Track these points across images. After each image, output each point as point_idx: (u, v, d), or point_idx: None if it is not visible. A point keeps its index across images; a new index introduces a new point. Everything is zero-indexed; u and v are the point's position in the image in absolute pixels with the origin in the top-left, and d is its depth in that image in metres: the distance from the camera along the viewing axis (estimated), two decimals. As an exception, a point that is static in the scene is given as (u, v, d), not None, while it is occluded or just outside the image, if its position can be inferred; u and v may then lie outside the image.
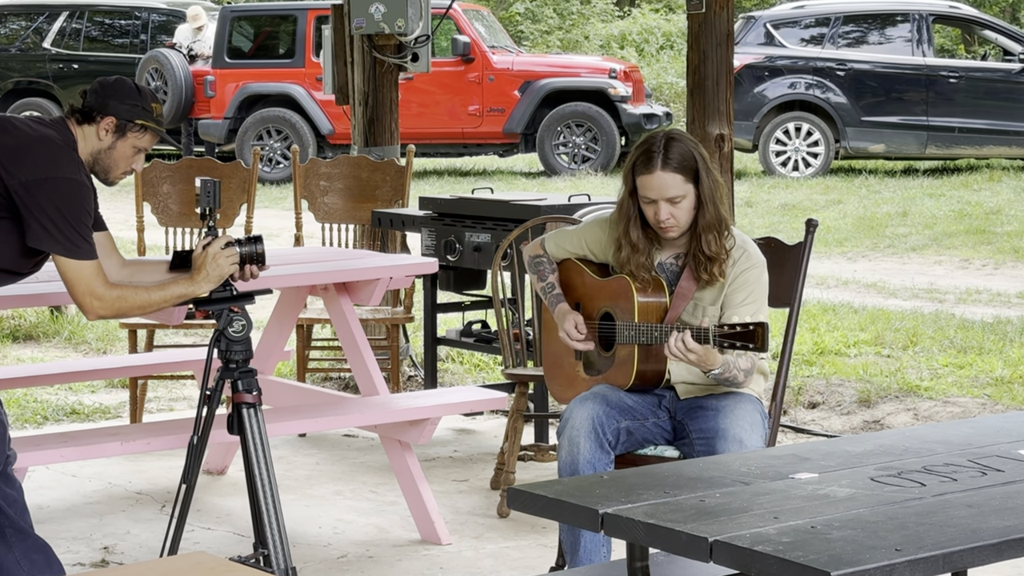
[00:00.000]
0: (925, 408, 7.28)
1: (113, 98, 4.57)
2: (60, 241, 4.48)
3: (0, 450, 4.65)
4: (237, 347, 4.62)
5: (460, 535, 5.79)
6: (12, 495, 4.72)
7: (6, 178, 4.47)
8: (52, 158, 4.51)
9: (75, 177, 4.50)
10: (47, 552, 4.75)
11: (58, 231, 4.46)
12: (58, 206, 4.45)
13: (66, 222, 4.46)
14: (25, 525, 4.71)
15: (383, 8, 8.24)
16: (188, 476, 4.56)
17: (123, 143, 4.59)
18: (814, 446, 3.62)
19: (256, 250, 4.67)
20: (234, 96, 18.56)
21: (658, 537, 2.94)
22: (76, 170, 4.51)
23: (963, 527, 2.90)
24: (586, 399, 4.73)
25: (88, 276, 4.52)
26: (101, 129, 4.57)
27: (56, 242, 4.48)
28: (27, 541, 4.71)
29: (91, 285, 4.53)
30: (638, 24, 27.13)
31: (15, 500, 4.72)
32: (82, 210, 4.50)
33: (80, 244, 4.49)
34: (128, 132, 4.58)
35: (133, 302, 4.59)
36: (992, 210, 14.20)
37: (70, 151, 4.55)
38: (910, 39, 17.46)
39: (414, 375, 8.11)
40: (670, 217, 4.70)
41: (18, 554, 4.69)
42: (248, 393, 4.64)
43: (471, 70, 18.32)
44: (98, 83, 4.62)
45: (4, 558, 4.70)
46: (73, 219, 4.47)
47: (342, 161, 7.88)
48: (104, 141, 4.58)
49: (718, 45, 6.60)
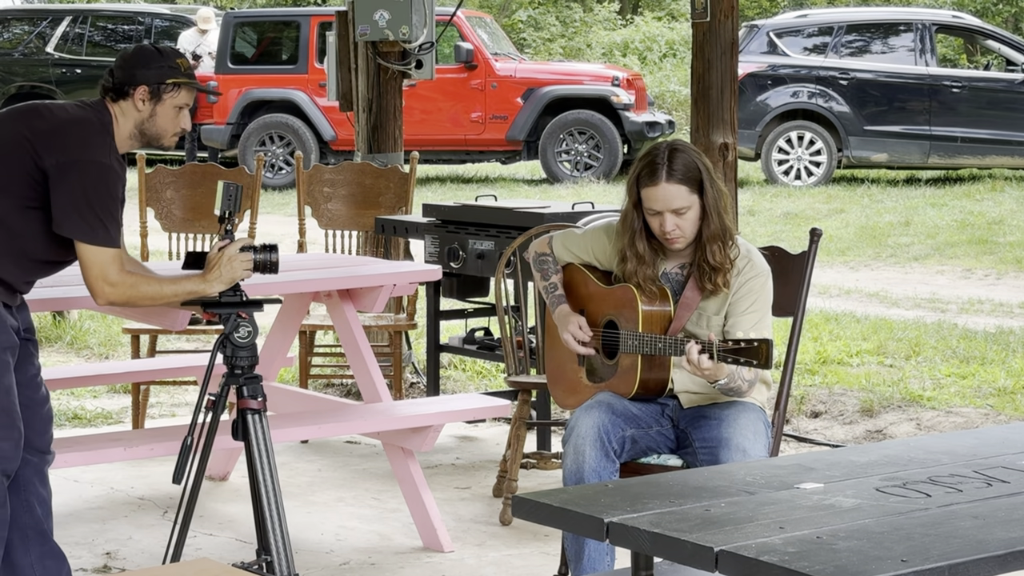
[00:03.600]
0: (928, 418, 7.27)
1: (138, 67, 4.56)
2: (79, 225, 4.44)
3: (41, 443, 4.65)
4: (243, 353, 4.62)
5: (462, 542, 5.78)
6: (44, 496, 4.73)
7: (40, 162, 4.46)
8: (83, 141, 4.49)
9: (103, 161, 4.46)
10: (61, 561, 4.76)
11: (79, 215, 4.43)
12: (84, 189, 4.43)
13: (88, 206, 4.43)
14: (47, 529, 4.72)
15: (387, 15, 8.24)
16: (178, 476, 4.53)
17: (162, 107, 4.57)
18: (819, 456, 3.61)
19: (270, 258, 4.67)
20: (237, 102, 18.57)
21: (664, 546, 2.93)
22: (106, 154, 4.48)
23: (968, 538, 2.89)
24: (591, 407, 4.73)
25: (104, 261, 4.48)
26: (137, 100, 4.55)
27: (75, 225, 4.45)
28: (45, 547, 4.72)
29: (105, 270, 4.49)
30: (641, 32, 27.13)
31: (44, 501, 4.73)
32: (107, 194, 4.46)
33: (99, 229, 4.45)
34: (163, 95, 4.56)
35: (145, 292, 4.56)
36: (994, 220, 14.20)
37: (104, 134, 4.52)
38: (913, 48, 17.46)
39: (416, 382, 8.10)
40: (675, 228, 4.70)
41: (33, 557, 4.70)
42: (253, 399, 4.63)
43: (474, 77, 18.33)
44: (120, 58, 4.61)
45: (20, 560, 4.71)
46: (97, 203, 4.44)
47: (346, 167, 7.88)
48: (144, 111, 4.56)
49: (722, 54, 6.60)
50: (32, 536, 4.70)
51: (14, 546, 4.71)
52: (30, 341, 4.70)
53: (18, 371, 4.65)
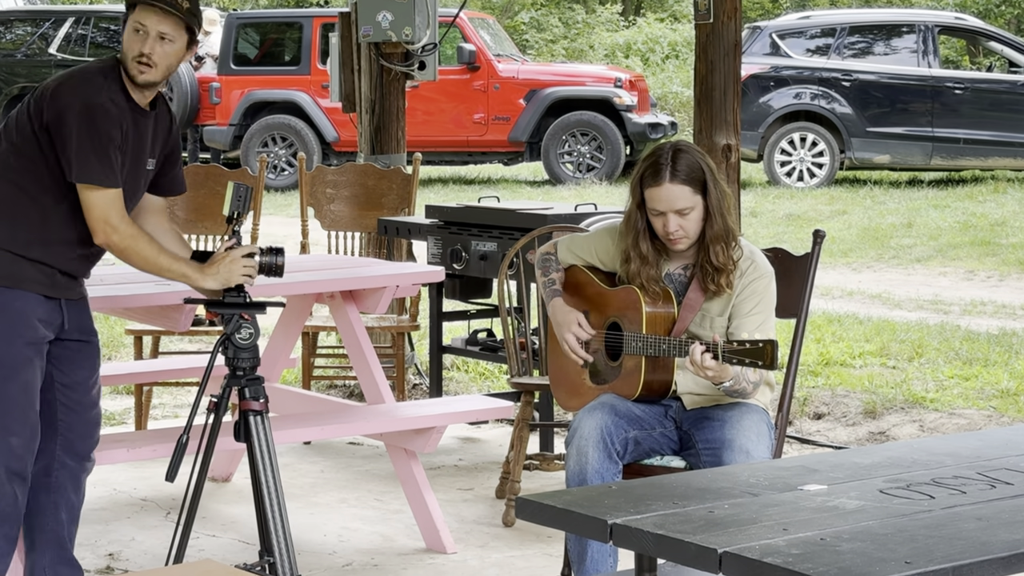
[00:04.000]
0: (931, 420, 7.27)
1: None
2: (72, 164, 4.42)
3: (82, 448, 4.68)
4: (244, 354, 4.62)
5: (465, 544, 5.78)
6: (73, 503, 4.73)
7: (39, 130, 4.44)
8: (75, 85, 4.46)
9: (93, 100, 4.42)
10: (75, 570, 4.76)
11: (74, 155, 4.41)
12: (76, 129, 4.41)
13: (79, 145, 4.40)
14: (65, 536, 4.72)
15: (390, 16, 8.25)
16: (171, 474, 4.51)
17: (125, 31, 4.51)
18: (822, 458, 3.61)
19: (276, 262, 4.68)
20: (239, 103, 18.57)
21: (667, 548, 2.93)
22: (96, 92, 4.44)
23: (972, 540, 2.89)
24: (594, 409, 4.73)
25: (104, 203, 4.44)
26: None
27: (70, 166, 4.42)
28: (60, 553, 4.72)
29: (106, 212, 4.45)
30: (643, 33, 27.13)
31: (72, 508, 4.74)
32: (97, 132, 4.42)
33: (92, 167, 4.41)
34: (128, 19, 4.51)
35: (143, 251, 4.51)
36: (997, 222, 14.20)
37: (98, 75, 4.49)
38: (916, 50, 17.46)
39: (419, 383, 8.10)
40: (679, 229, 4.70)
41: (47, 562, 4.70)
42: (255, 400, 4.63)
43: (476, 78, 18.33)
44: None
45: (36, 561, 4.71)
46: (90, 141, 4.41)
47: (348, 169, 7.88)
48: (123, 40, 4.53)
49: (726, 55, 6.60)
50: (51, 540, 4.71)
51: (33, 545, 4.72)
52: (81, 342, 4.67)
53: (63, 372, 4.63)
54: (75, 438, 4.68)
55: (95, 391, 4.74)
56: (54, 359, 4.65)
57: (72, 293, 4.64)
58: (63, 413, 4.66)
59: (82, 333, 4.67)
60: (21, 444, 4.55)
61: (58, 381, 4.65)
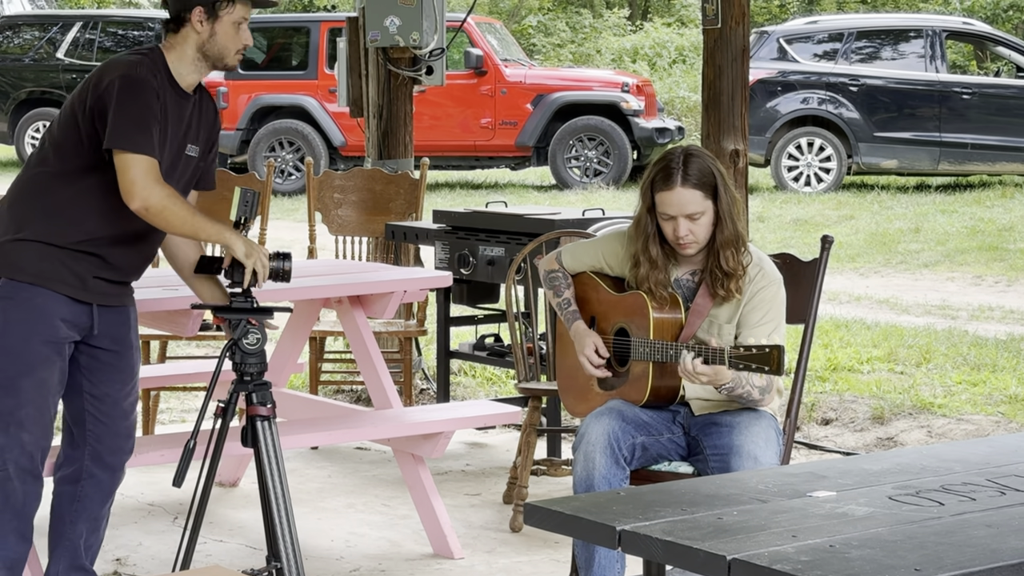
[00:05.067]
0: (939, 425, 7.26)
1: None
2: (111, 132, 4.43)
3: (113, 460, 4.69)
4: (252, 359, 4.62)
5: (472, 549, 5.78)
6: (95, 514, 4.75)
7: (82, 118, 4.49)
8: (116, 66, 4.51)
9: (132, 73, 4.47)
10: None
11: (111, 123, 4.43)
12: (116, 100, 4.43)
13: (117, 114, 4.42)
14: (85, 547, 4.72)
15: (398, 21, 8.25)
16: (178, 479, 4.51)
17: (220, 24, 4.57)
18: (831, 464, 3.61)
19: (283, 266, 4.67)
20: (247, 107, 18.59)
21: (676, 555, 2.93)
22: (135, 67, 4.48)
23: (982, 547, 2.89)
24: (602, 414, 4.72)
25: (138, 167, 4.42)
26: (195, 23, 4.56)
27: (108, 135, 4.43)
28: (75, 562, 4.72)
29: (140, 175, 4.42)
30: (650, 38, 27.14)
31: (93, 519, 4.76)
32: (136, 102, 4.45)
33: (128, 133, 4.43)
34: (219, 12, 4.56)
35: (180, 211, 4.47)
36: (1005, 227, 14.19)
37: (137, 55, 4.53)
38: (923, 55, 17.45)
39: (426, 388, 8.10)
40: (689, 233, 4.70)
41: (61, 568, 4.71)
42: (263, 406, 4.63)
43: (484, 83, 18.34)
44: None
45: (51, 567, 4.73)
46: (128, 111, 4.43)
47: (356, 174, 7.89)
48: (203, 32, 4.57)
49: (733, 60, 6.59)
50: (67, 548, 4.72)
51: (54, 550, 4.74)
52: (113, 352, 4.65)
53: (92, 382, 4.63)
54: (104, 450, 4.69)
55: (127, 402, 4.73)
56: (84, 368, 4.64)
57: (108, 299, 4.62)
58: (91, 424, 4.66)
59: (114, 343, 4.65)
60: (32, 441, 4.55)
61: (87, 391, 4.65)
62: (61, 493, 4.72)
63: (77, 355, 4.62)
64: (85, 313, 4.57)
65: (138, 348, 4.80)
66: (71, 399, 4.66)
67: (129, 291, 4.74)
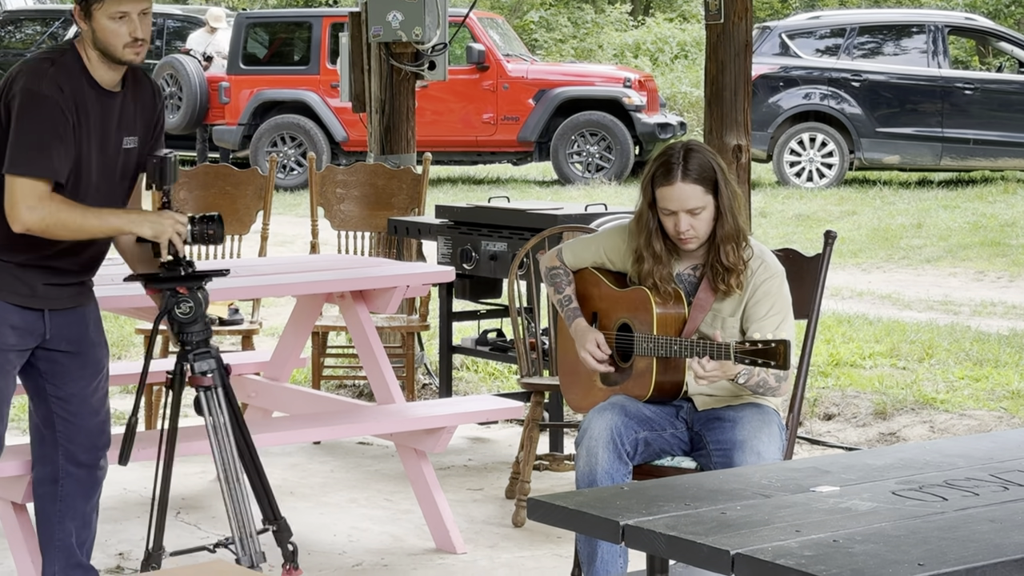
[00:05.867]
0: (941, 421, 7.26)
1: None
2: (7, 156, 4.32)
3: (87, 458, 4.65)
4: (189, 328, 4.53)
5: (475, 544, 5.78)
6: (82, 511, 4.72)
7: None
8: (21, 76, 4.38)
9: (31, 87, 4.34)
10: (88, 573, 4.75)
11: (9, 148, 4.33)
12: (15, 122, 4.33)
13: (16, 137, 4.31)
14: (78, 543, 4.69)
15: (400, 16, 8.24)
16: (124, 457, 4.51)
17: (95, 21, 4.40)
18: (834, 459, 3.61)
19: (207, 230, 4.51)
20: (249, 102, 18.57)
21: (679, 550, 2.93)
22: (36, 81, 4.34)
23: (986, 542, 2.89)
24: (604, 409, 4.72)
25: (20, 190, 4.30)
26: (80, 22, 4.45)
27: (6, 159, 4.33)
28: (72, 560, 4.71)
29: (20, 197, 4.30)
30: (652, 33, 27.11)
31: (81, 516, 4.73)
32: (31, 122, 4.31)
33: (22, 157, 4.30)
34: (91, 8, 4.41)
35: (67, 221, 4.35)
36: (1007, 222, 14.18)
37: (43, 62, 4.41)
38: (925, 50, 17.44)
39: (429, 383, 8.10)
40: (690, 228, 4.69)
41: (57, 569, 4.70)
42: (203, 376, 4.57)
43: (486, 78, 18.32)
44: None
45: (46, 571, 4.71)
46: (23, 133, 4.31)
47: (358, 168, 7.89)
48: (87, 30, 4.43)
49: (736, 55, 6.59)
50: (59, 548, 4.70)
51: (45, 554, 4.72)
52: (70, 354, 4.59)
53: (55, 384, 4.58)
54: (76, 449, 4.65)
55: (95, 398, 4.67)
56: (44, 372, 4.60)
57: (60, 303, 4.56)
58: (61, 425, 4.62)
59: (71, 344, 4.58)
60: None
61: (51, 394, 4.61)
62: (42, 495, 4.69)
63: (35, 361, 4.58)
64: (36, 318, 4.51)
65: (102, 344, 4.71)
66: (38, 404, 4.63)
67: (85, 290, 4.66)
